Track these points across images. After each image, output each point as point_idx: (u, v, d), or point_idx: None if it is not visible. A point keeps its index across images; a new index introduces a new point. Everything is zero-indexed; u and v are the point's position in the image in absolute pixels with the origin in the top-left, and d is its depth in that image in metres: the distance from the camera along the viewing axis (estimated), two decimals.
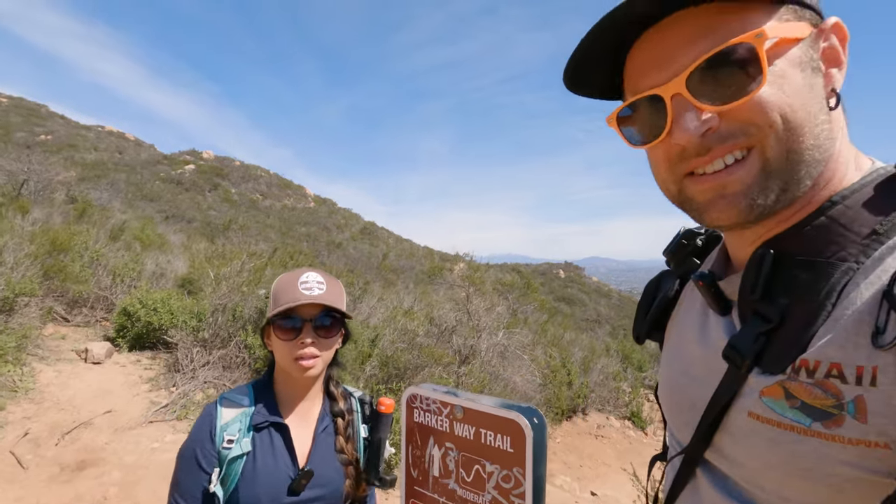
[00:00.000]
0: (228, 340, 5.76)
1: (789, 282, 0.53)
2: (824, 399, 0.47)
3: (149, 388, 5.24)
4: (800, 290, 0.52)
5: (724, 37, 0.48)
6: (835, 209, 0.52)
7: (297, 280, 1.17)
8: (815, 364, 0.48)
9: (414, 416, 1.10)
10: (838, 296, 0.49)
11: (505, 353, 7.21)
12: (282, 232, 30.95)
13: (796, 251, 0.53)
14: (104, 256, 7.95)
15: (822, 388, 0.47)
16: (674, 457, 0.67)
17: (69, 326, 6.52)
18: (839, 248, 0.51)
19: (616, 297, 50.78)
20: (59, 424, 4.22)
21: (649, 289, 0.84)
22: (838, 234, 0.51)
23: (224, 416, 1.13)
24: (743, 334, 0.55)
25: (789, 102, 0.48)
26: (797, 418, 0.48)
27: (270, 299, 1.19)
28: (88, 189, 19.48)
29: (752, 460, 0.53)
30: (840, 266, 0.49)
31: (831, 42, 0.52)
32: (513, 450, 0.90)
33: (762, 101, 0.48)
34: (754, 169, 0.50)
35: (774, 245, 0.55)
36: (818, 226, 0.53)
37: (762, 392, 0.52)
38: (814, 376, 0.48)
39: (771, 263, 0.54)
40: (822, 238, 0.52)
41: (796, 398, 0.49)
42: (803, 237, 0.53)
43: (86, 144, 37.23)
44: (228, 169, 42.94)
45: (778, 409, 0.50)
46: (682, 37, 0.51)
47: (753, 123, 0.49)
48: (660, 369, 0.77)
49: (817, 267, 0.51)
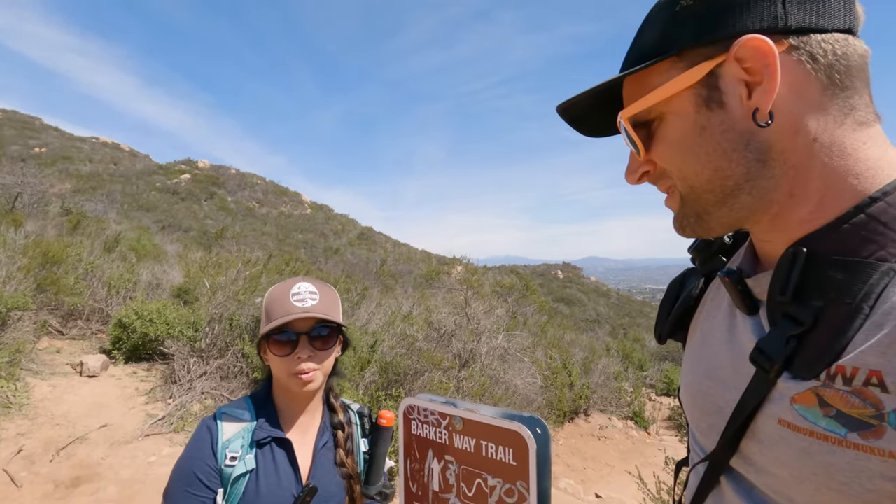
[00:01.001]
0: (225, 350, 5.70)
1: (823, 282, 0.50)
2: (862, 408, 0.43)
3: (145, 400, 5.17)
4: (834, 291, 0.48)
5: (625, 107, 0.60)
6: (875, 206, 0.49)
7: (289, 292, 1.13)
8: (853, 371, 0.45)
9: (412, 428, 1.05)
10: (877, 298, 0.45)
11: (505, 357, 7.17)
12: (279, 239, 30.93)
13: (830, 250, 0.50)
14: (99, 268, 7.89)
15: (859, 396, 0.44)
16: (697, 463, 0.64)
17: (64, 339, 6.45)
18: (878, 247, 0.48)
19: (615, 296, 50.95)
20: (53, 440, 4.15)
21: (672, 287, 0.82)
22: (878, 232, 0.48)
23: (225, 432, 1.08)
24: (772, 337, 0.52)
25: (677, 152, 0.57)
26: (831, 427, 0.45)
27: (263, 313, 1.15)
28: (83, 201, 19.43)
29: (781, 470, 0.50)
30: (879, 267, 0.46)
31: (749, 61, 0.50)
32: (515, 462, 0.86)
33: (659, 155, 0.59)
34: (677, 199, 0.61)
35: (807, 243, 0.52)
36: (856, 223, 0.49)
37: (794, 399, 0.49)
38: (851, 384, 0.45)
39: (803, 263, 0.51)
40: (859, 236, 0.49)
41: (831, 406, 0.46)
42: (839, 235, 0.50)
43: (80, 156, 37.19)
44: (224, 177, 42.95)
45: (811, 418, 0.47)
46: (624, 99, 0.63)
47: (664, 169, 0.60)
48: (682, 370, 0.74)
49: (854, 267, 0.48)
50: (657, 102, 0.56)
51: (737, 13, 0.50)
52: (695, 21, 0.53)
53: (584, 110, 0.66)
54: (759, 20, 0.50)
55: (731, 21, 0.51)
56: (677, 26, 0.54)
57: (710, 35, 0.52)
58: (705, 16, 0.52)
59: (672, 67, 0.55)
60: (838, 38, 0.50)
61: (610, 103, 0.64)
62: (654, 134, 0.59)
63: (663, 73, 0.56)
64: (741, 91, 0.51)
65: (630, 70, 0.57)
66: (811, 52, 0.50)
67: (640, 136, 0.60)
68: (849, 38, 0.50)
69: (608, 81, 0.58)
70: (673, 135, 0.57)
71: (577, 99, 0.62)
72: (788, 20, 0.49)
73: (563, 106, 0.64)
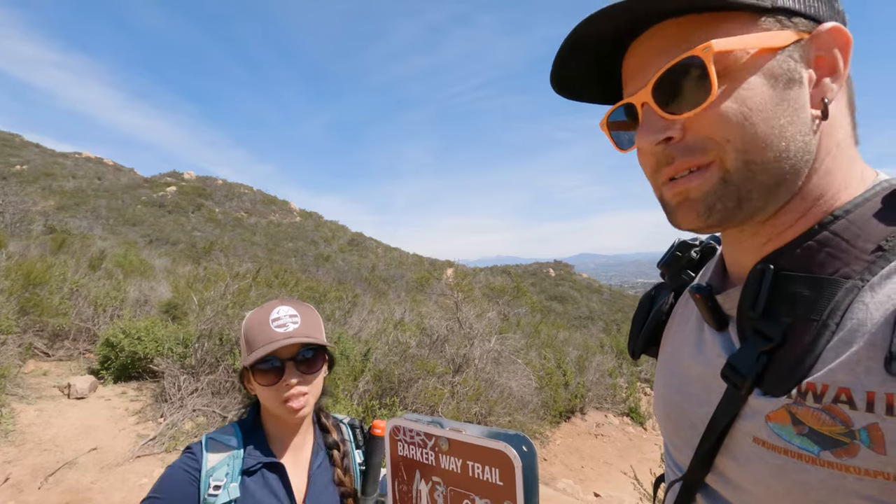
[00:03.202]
0: (216, 365, 5.63)
1: (791, 299, 0.50)
2: (832, 426, 0.44)
3: (135, 420, 5.09)
4: (802, 308, 0.49)
5: (689, 48, 0.48)
6: (837, 223, 0.50)
7: (269, 318, 1.10)
8: (823, 388, 0.45)
9: (398, 449, 1.04)
10: (843, 315, 0.46)
11: (499, 359, 7.16)
12: (268, 248, 30.69)
13: (797, 267, 0.51)
14: (84, 287, 7.76)
15: (829, 413, 0.44)
16: (674, 482, 0.63)
17: (51, 361, 6.33)
18: (842, 264, 0.48)
19: (607, 292, 51.27)
20: (41, 466, 4.06)
21: (644, 302, 0.81)
22: (841, 249, 0.49)
23: (210, 460, 1.05)
24: (743, 353, 0.52)
25: (749, 116, 0.48)
26: (804, 446, 0.45)
27: (242, 342, 1.12)
28: (67, 218, 19.12)
29: (757, 487, 0.50)
30: (844, 283, 0.47)
31: (826, 50, 0.49)
32: (502, 482, 0.85)
33: (719, 115, 0.49)
34: (714, 178, 0.50)
35: (774, 260, 0.53)
36: (820, 240, 0.50)
37: (768, 416, 0.49)
38: (821, 401, 0.45)
39: (771, 279, 0.52)
40: (824, 254, 0.50)
41: (804, 424, 0.46)
42: (804, 252, 0.51)
43: (63, 172, 36.70)
44: (211, 188, 42.61)
45: (785, 436, 0.47)
46: (656, 49, 0.52)
47: (711, 138, 0.49)
48: (655, 383, 0.74)
49: (820, 284, 0.48)
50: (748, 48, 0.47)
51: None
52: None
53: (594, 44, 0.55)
54: (832, 13, 0.50)
55: (818, 3, 0.50)
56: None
57: (802, 5, 0.49)
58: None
59: (750, 24, 0.48)
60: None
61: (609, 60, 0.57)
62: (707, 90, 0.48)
63: (744, 24, 0.48)
64: (811, 76, 0.50)
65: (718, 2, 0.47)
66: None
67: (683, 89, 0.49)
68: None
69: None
70: (752, 97, 0.48)
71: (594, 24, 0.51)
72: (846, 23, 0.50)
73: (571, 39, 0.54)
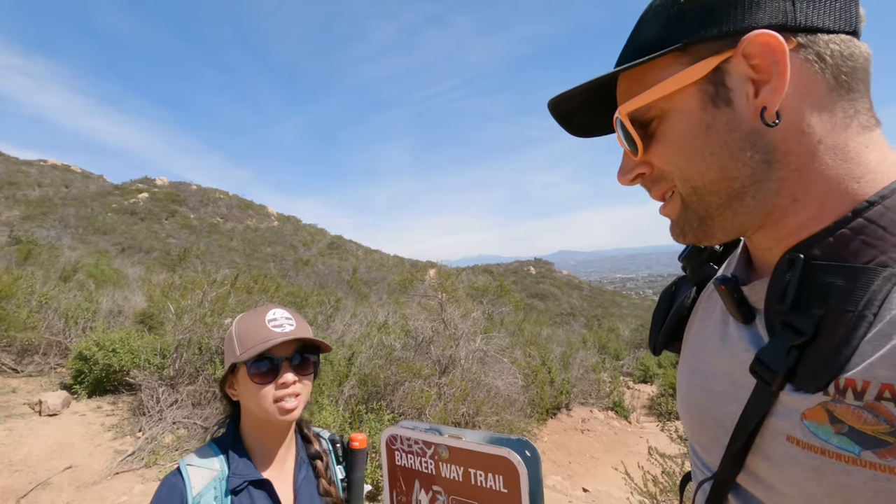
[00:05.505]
0: (196, 375, 5.48)
1: (823, 289, 0.48)
2: (875, 424, 0.41)
3: (112, 436, 4.91)
4: (835, 298, 0.46)
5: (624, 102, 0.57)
6: (873, 210, 0.47)
7: (265, 318, 1.08)
8: (864, 385, 0.42)
9: (395, 458, 1.00)
10: (880, 305, 0.44)
11: (484, 359, 7.16)
12: (246, 254, 30.15)
13: (829, 256, 0.49)
14: (54, 299, 7.48)
15: (872, 411, 0.42)
16: (703, 481, 0.61)
17: (19, 377, 6.07)
18: (879, 252, 0.46)
19: (587, 288, 51.96)
20: (13, 488, 3.88)
21: (664, 297, 0.79)
22: (877, 237, 0.46)
23: (195, 486, 0.99)
24: (773, 347, 0.50)
25: (679, 149, 0.54)
26: (844, 445, 0.43)
27: (233, 343, 1.08)
28: (34, 228, 18.43)
29: (792, 489, 0.47)
30: (881, 272, 0.44)
31: (759, 57, 0.48)
32: (507, 490, 0.82)
33: (658, 154, 0.56)
34: (677, 204, 0.58)
35: (804, 249, 0.50)
36: (854, 228, 0.48)
37: (804, 415, 0.46)
38: (863, 398, 0.42)
39: (801, 269, 0.49)
40: (858, 242, 0.47)
41: (843, 423, 0.43)
42: (837, 240, 0.49)
43: (28, 181, 35.36)
44: (185, 194, 41.63)
45: (822, 435, 0.45)
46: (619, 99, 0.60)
47: (663, 171, 0.57)
48: (678, 381, 0.72)
49: (854, 273, 0.46)
50: (660, 98, 0.53)
51: (745, 7, 0.48)
52: (701, 14, 0.50)
53: (575, 106, 0.63)
54: (768, 16, 0.48)
55: (740, 15, 0.48)
56: (681, 19, 0.51)
57: (716, 29, 0.49)
58: (712, 9, 0.50)
59: (675, 62, 0.52)
60: (844, 39, 0.48)
61: (601, 102, 0.62)
62: (653, 133, 0.56)
63: (665, 68, 0.53)
64: (748, 89, 0.49)
65: (631, 63, 0.53)
66: (819, 51, 0.48)
67: (639, 135, 0.57)
68: (854, 40, 0.49)
69: (605, 76, 0.55)
70: (676, 133, 0.54)
71: (570, 94, 0.59)
72: (798, 18, 0.48)
73: (554, 101, 0.61)
